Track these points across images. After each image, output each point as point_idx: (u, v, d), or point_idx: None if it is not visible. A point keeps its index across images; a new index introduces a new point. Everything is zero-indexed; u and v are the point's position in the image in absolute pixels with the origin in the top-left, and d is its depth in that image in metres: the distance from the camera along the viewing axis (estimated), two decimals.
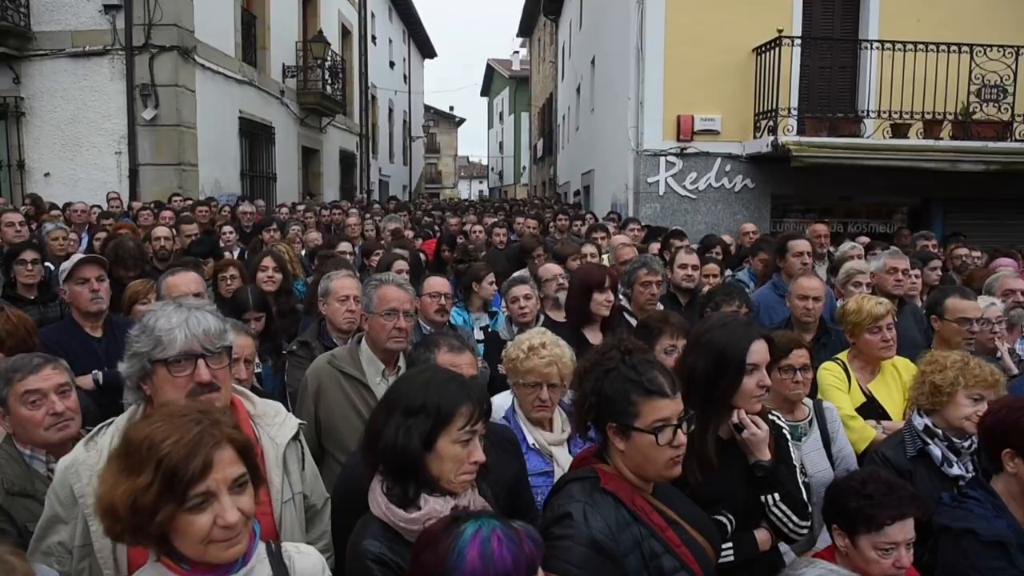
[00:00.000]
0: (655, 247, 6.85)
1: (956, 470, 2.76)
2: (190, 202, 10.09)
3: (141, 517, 1.44)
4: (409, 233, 8.83)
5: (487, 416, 1.93)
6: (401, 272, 5.26)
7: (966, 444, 2.78)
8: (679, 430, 2.03)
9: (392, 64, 29.76)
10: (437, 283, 4.43)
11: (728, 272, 6.53)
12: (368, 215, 10.97)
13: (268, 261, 5.04)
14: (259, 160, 15.53)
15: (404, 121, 33.16)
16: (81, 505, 1.89)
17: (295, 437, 2.22)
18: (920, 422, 2.85)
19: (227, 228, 7.91)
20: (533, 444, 2.85)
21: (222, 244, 7.28)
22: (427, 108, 43.57)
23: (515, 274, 4.98)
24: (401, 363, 3.14)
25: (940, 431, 2.80)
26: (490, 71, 49.15)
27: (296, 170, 17.66)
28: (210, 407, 1.64)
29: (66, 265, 3.84)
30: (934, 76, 9.89)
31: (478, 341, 4.62)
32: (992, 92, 10.22)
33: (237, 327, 2.89)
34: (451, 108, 55.80)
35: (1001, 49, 10.11)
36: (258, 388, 3.83)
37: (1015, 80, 10.16)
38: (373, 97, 25.93)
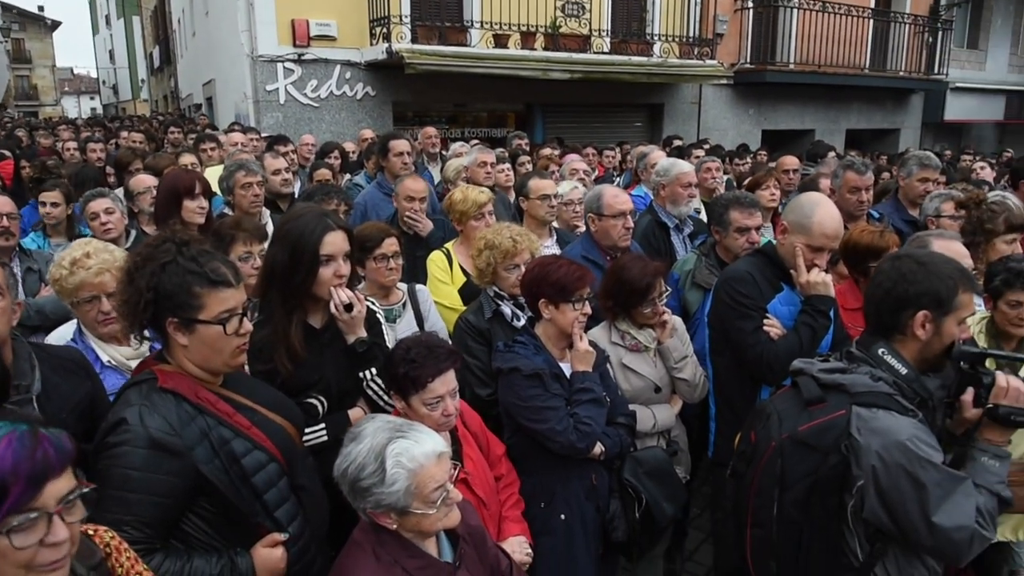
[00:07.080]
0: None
1: (522, 322, 3.23)
2: None
3: None
4: None
5: None
6: None
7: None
8: (244, 319, 2.03)
9: None
10: None
11: (347, 176, 6.65)
12: None
13: None
14: None
15: None
16: None
17: None
18: (492, 289, 3.31)
19: None
20: (109, 362, 2.70)
21: None
22: (7, 7, 36.18)
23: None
24: None
25: (505, 294, 3.26)
26: None
27: None
28: None
29: None
30: None
31: None
32: (574, 8, 11.49)
33: None
34: (41, 8, 47.09)
35: None
36: None
37: None
38: None
